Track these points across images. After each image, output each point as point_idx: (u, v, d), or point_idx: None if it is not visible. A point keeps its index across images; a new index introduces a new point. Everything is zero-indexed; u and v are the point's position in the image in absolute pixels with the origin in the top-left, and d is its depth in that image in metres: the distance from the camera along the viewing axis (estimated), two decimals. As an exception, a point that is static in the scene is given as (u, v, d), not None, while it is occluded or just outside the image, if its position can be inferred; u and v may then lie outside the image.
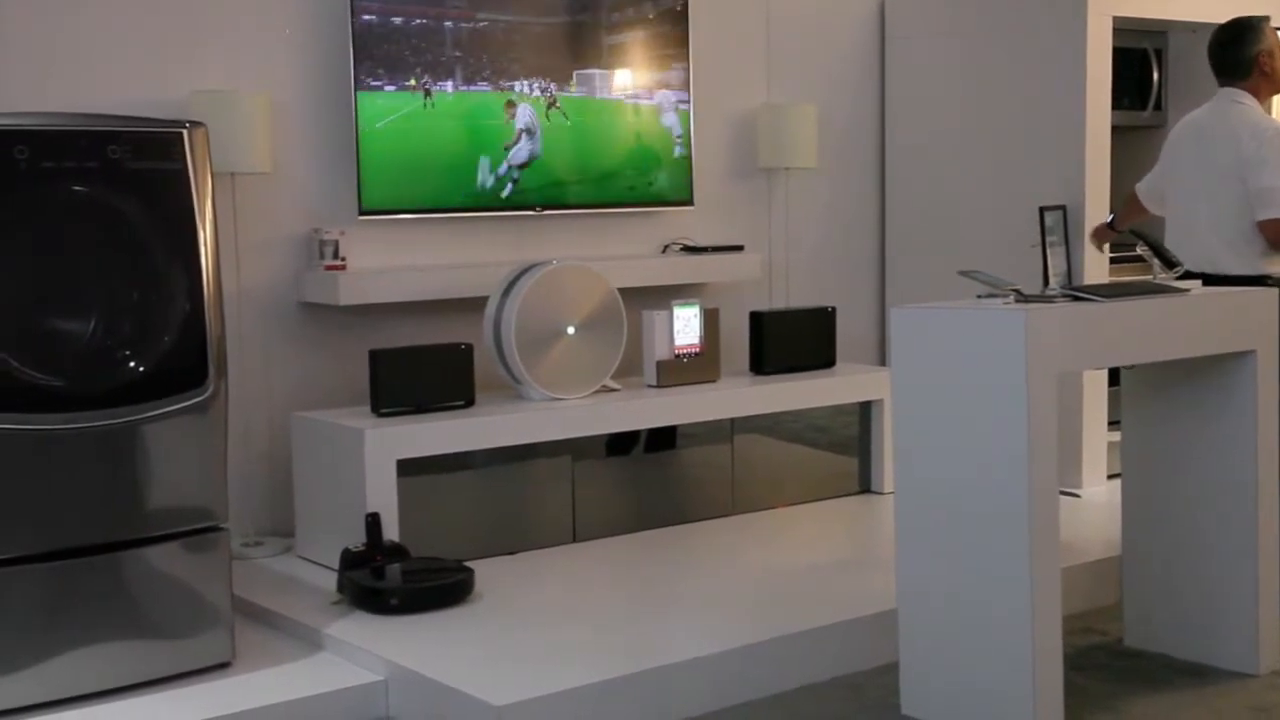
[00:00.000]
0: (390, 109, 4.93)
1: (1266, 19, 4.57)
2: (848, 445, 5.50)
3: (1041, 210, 5.34)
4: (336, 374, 4.96)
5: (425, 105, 4.99)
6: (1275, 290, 3.97)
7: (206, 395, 3.62)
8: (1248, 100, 4.49)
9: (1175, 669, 3.91)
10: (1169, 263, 4.11)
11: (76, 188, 3.44)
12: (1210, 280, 4.26)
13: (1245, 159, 4.36)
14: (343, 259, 4.84)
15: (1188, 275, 4.36)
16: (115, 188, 3.49)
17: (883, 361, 6.15)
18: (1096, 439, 5.51)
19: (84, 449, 3.44)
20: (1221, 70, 4.58)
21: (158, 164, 3.54)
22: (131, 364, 3.52)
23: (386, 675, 3.66)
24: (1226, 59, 4.56)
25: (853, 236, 6.24)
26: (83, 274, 3.46)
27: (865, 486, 5.52)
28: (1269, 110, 4.68)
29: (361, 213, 4.91)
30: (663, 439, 5.07)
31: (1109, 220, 5.07)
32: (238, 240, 4.66)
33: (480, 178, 5.13)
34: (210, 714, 3.40)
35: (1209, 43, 4.66)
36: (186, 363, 3.59)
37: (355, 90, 4.85)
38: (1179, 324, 3.76)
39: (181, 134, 3.58)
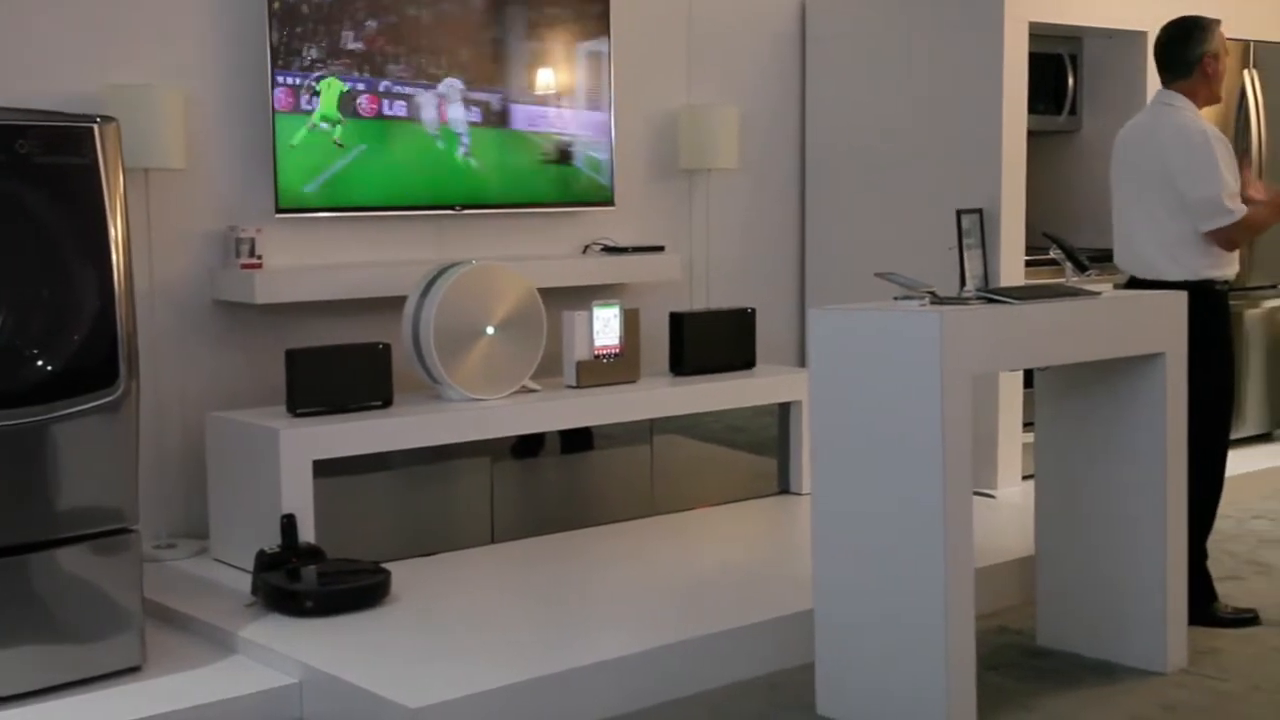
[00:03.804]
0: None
1: (1218, 22, 4.41)
2: (767, 446, 5.53)
3: (959, 213, 5.39)
4: (252, 373, 4.90)
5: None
6: (1184, 294, 4.03)
7: (117, 395, 3.56)
8: (1179, 103, 4.33)
9: (1086, 667, 3.97)
10: (1080, 265, 4.16)
11: (-18, 182, 3.38)
12: (1150, 286, 4.27)
13: (1176, 169, 4.23)
14: (259, 257, 4.79)
15: (1134, 282, 4.38)
16: (23, 183, 3.42)
17: (803, 363, 6.18)
18: (1012, 440, 5.58)
19: (-10, 449, 3.38)
20: (1163, 67, 4.42)
21: (67, 159, 3.47)
22: (40, 363, 3.45)
23: (301, 678, 3.62)
24: (1170, 56, 4.39)
25: (773, 238, 6.27)
26: (-12, 271, 3.39)
27: (784, 487, 5.55)
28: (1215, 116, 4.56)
29: (279, 210, 4.86)
30: (578, 440, 5.06)
31: None
32: (151, 237, 4.59)
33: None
34: (119, 719, 3.34)
35: (1156, 38, 4.49)
36: (96, 361, 3.53)
37: (272, 86, 4.80)
38: (1091, 326, 3.81)
39: (92, 129, 3.52)
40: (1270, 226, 4.41)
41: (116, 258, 3.54)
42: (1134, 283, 4.38)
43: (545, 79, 5.44)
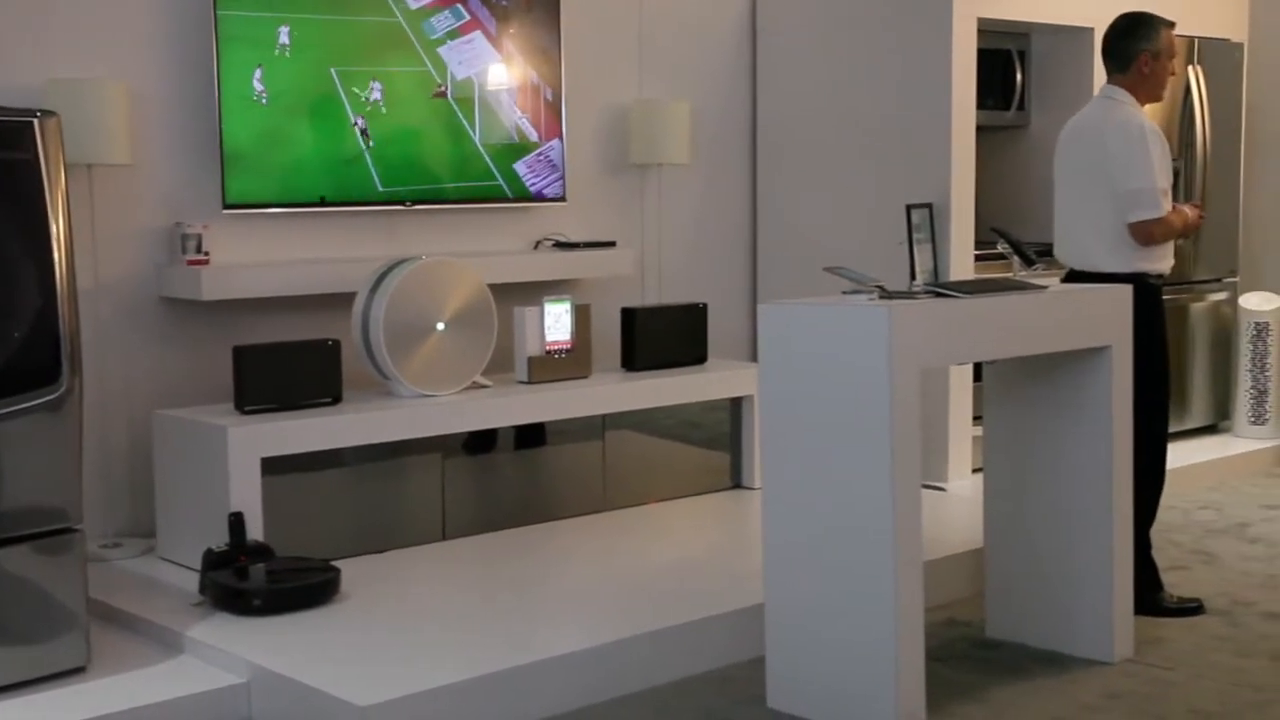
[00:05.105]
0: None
1: (1169, 24, 4.42)
2: (719, 441, 5.53)
3: (908, 208, 5.40)
4: (199, 371, 4.85)
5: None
6: (1129, 287, 4.06)
7: (60, 393, 3.51)
8: (1121, 97, 4.36)
9: (1034, 658, 4.00)
10: (1028, 260, 4.19)
11: (-81, 177, 3.33)
12: (1089, 278, 4.31)
13: (1111, 159, 4.28)
14: (206, 253, 4.74)
15: (1072, 274, 4.43)
16: (-40, 178, 3.37)
17: (755, 358, 6.17)
18: (962, 433, 5.61)
19: (-70, 449, 3.33)
20: (1105, 56, 4.44)
21: (6, 154, 3.42)
22: (-20, 361, 3.41)
23: (249, 678, 3.59)
24: (1112, 48, 4.41)
25: (725, 233, 6.27)
26: (-73, 267, 3.35)
27: (737, 482, 5.56)
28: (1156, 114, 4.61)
29: (226, 206, 4.82)
30: (530, 436, 5.05)
31: None
32: (95, 234, 4.54)
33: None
34: (64, 720, 3.31)
35: (1106, 28, 4.51)
36: (38, 359, 3.49)
37: (219, 80, 4.75)
38: (1038, 320, 3.84)
39: (32, 123, 3.47)
40: (1180, 236, 4.49)
41: (58, 254, 3.49)
42: (1071, 275, 4.42)
43: (498, 74, 5.42)
